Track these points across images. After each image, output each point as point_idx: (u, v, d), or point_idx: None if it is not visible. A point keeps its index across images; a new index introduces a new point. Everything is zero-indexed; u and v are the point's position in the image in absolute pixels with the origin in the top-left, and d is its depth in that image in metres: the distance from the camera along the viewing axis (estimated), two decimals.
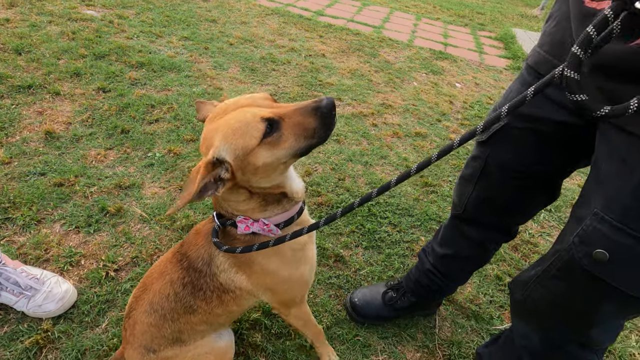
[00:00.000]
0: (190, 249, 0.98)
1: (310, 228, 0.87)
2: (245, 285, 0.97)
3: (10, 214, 1.66)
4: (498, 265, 1.88)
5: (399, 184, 0.80)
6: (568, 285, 0.79)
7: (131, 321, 1.03)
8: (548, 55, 0.88)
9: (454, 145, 0.71)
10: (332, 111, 0.76)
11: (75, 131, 2.19)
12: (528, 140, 0.94)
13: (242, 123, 0.74)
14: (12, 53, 2.77)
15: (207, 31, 3.81)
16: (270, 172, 0.80)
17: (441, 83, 3.73)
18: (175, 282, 0.97)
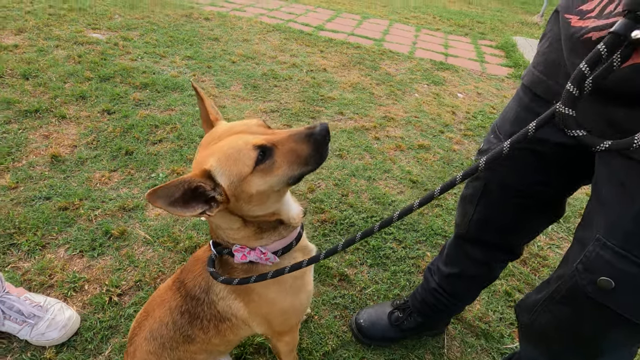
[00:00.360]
0: (188, 276, 0.97)
1: (310, 261, 0.85)
2: (242, 314, 0.96)
3: (16, 240, 1.67)
4: (507, 280, 1.84)
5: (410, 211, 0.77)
6: (573, 311, 0.77)
7: (132, 348, 1.02)
8: (542, 75, 0.87)
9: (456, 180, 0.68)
10: (325, 137, 0.75)
11: (80, 154, 2.22)
12: (528, 160, 0.92)
13: (235, 150, 0.73)
14: (20, 78, 2.84)
15: (209, 50, 3.87)
16: (265, 200, 0.79)
17: (443, 94, 3.73)
18: (173, 310, 0.97)
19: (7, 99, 2.56)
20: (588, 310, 0.74)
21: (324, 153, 0.76)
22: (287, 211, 0.88)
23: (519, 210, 1.01)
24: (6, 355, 1.29)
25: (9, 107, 2.51)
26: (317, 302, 1.60)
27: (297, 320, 1.07)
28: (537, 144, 0.88)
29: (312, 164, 0.77)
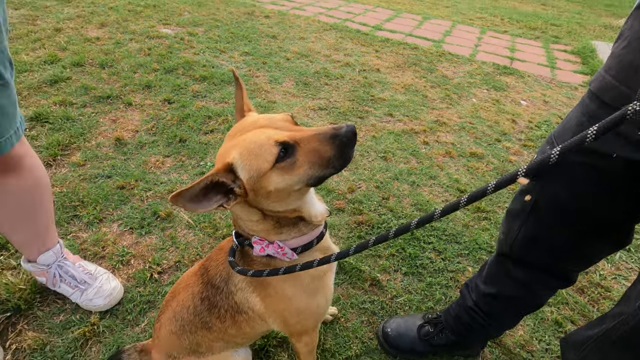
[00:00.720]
0: (212, 264, 0.99)
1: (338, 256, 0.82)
2: (258, 308, 0.95)
3: (79, 212, 1.84)
4: (558, 308, 1.66)
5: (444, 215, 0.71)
6: (634, 356, 0.66)
7: (158, 325, 1.08)
8: (614, 80, 0.75)
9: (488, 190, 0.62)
10: (351, 140, 0.71)
11: (141, 138, 2.39)
12: (587, 177, 0.81)
13: (257, 144, 0.72)
14: (97, 67, 3.14)
15: (266, 46, 3.98)
16: (284, 198, 0.77)
17: (504, 100, 3.48)
18: (195, 295, 0.99)
19: (85, 85, 2.85)
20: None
21: (348, 156, 0.72)
22: (308, 209, 0.85)
23: (574, 233, 0.89)
24: (60, 314, 1.43)
25: (87, 92, 2.78)
26: (345, 305, 1.57)
27: (313, 323, 1.05)
28: (599, 158, 0.77)
29: (335, 166, 0.73)
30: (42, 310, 1.43)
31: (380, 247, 1.84)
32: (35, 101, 2.60)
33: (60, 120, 2.43)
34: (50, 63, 3.07)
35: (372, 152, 2.54)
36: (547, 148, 0.91)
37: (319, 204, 0.90)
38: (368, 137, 2.69)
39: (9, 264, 1.56)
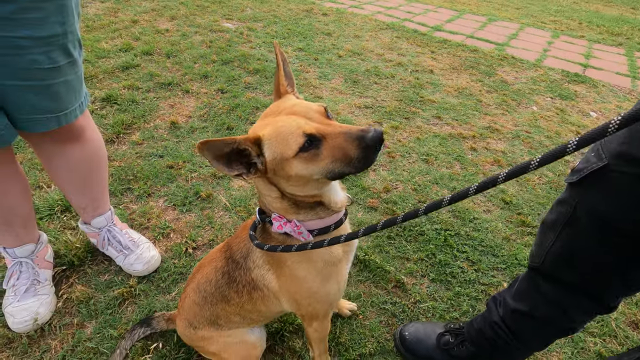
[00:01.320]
0: (235, 241, 1.04)
1: (347, 237, 0.83)
2: (272, 286, 0.98)
3: (132, 185, 2.02)
4: (603, 340, 1.50)
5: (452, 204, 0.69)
6: None
7: (184, 294, 1.15)
8: None
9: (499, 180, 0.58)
10: (376, 145, 0.71)
11: (193, 124, 2.56)
12: (635, 190, 0.72)
13: (286, 131, 0.75)
14: (164, 56, 3.41)
15: (320, 43, 4.03)
16: (303, 184, 0.80)
17: (570, 110, 3.19)
18: (218, 269, 1.05)
19: (152, 72, 3.11)
20: None
21: (370, 160, 0.73)
22: (329, 195, 0.87)
23: (613, 251, 0.80)
24: (105, 273, 1.59)
25: (152, 78, 3.04)
26: (366, 303, 1.55)
27: (324, 308, 1.05)
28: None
29: (356, 167, 0.74)
30: (91, 268, 1.60)
31: (410, 249, 1.79)
32: (108, 84, 2.89)
33: (126, 103, 2.68)
34: (124, 51, 3.39)
35: (413, 153, 2.47)
36: (591, 155, 0.83)
37: (340, 192, 0.91)
38: (412, 138, 2.62)
39: (70, 225, 1.76)
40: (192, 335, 1.13)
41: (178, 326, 1.18)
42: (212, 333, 1.10)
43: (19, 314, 1.33)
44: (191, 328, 1.12)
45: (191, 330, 1.12)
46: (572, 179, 0.85)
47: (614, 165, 0.75)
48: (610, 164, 0.75)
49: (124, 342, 1.26)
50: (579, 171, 0.83)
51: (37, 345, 1.33)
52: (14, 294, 1.37)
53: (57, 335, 1.36)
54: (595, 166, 0.78)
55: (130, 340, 1.28)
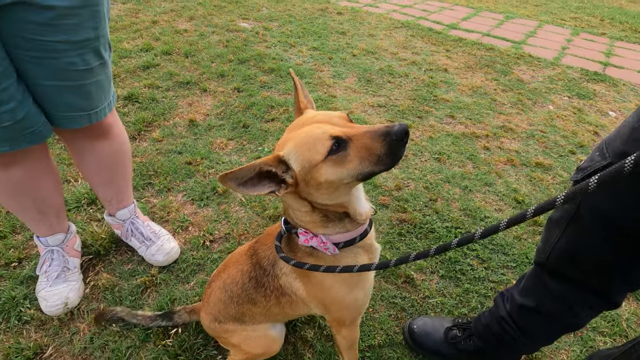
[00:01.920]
0: (261, 247, 1.08)
1: (378, 266, 0.85)
2: (301, 294, 1.02)
3: (152, 180, 2.12)
4: (614, 339, 1.50)
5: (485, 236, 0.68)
6: None
7: (209, 290, 1.22)
8: None
9: (527, 215, 0.60)
10: (402, 139, 0.72)
11: (210, 122, 2.64)
12: (636, 189, 0.74)
13: (312, 137, 0.76)
14: (182, 56, 3.51)
15: (335, 42, 4.07)
16: (333, 190, 0.80)
17: (588, 109, 3.14)
18: (244, 273, 1.10)
19: (171, 71, 3.21)
20: None
21: (397, 154, 0.74)
22: (354, 206, 0.88)
23: (616, 249, 0.83)
24: (128, 263, 1.68)
25: (171, 77, 3.14)
26: (375, 297, 1.60)
27: (352, 315, 1.07)
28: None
29: (385, 163, 0.75)
30: (116, 258, 1.69)
31: (420, 246, 1.83)
32: (130, 83, 3.01)
33: (147, 101, 2.79)
34: (145, 51, 3.51)
35: (426, 152, 2.49)
36: (596, 154, 0.85)
37: (365, 203, 0.93)
38: (424, 137, 2.64)
39: (96, 217, 1.87)
40: (217, 328, 1.19)
41: (203, 319, 1.24)
42: (236, 327, 1.16)
43: (51, 298, 1.43)
44: (216, 322, 1.18)
45: (216, 324, 1.18)
46: (576, 177, 0.88)
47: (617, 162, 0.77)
48: (613, 162, 0.78)
49: (142, 319, 1.34)
50: (584, 169, 0.86)
51: (67, 328, 1.43)
52: (46, 280, 1.47)
53: (85, 319, 1.46)
54: (599, 165, 0.81)
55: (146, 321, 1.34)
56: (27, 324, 1.43)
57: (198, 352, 1.36)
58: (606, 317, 1.57)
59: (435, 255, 0.74)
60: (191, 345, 1.37)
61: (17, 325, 1.42)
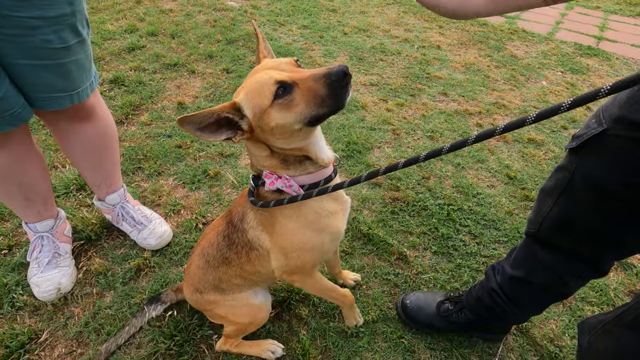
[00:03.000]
0: (234, 207, 1.10)
1: (335, 187, 0.89)
2: (266, 245, 1.03)
3: (142, 165, 2.09)
4: (601, 308, 1.54)
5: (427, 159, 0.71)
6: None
7: (190, 260, 1.23)
8: None
9: (528, 120, 0.61)
10: (342, 80, 0.74)
11: (199, 104, 2.59)
12: (632, 154, 0.74)
13: (259, 83, 0.80)
14: (168, 37, 3.41)
15: (325, 20, 3.97)
16: (287, 135, 0.84)
17: (581, 84, 3.12)
18: (219, 233, 1.12)
19: (157, 53, 3.12)
20: None
21: (340, 96, 0.76)
22: (315, 150, 0.92)
23: (608, 216, 0.83)
24: (121, 247, 1.67)
25: (157, 59, 3.06)
26: (369, 274, 1.61)
27: (312, 260, 1.06)
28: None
29: (329, 105, 0.77)
30: (108, 243, 1.68)
31: (413, 224, 1.83)
32: (115, 66, 2.92)
33: (134, 84, 2.72)
34: (129, 32, 3.40)
35: (418, 130, 2.47)
36: (592, 121, 0.85)
37: (326, 148, 0.96)
38: (417, 115, 2.62)
39: (85, 202, 1.84)
40: (200, 299, 1.20)
41: (185, 292, 1.25)
42: (217, 297, 1.17)
43: (43, 284, 1.43)
44: (197, 293, 1.19)
45: (198, 295, 1.19)
46: (572, 145, 0.87)
47: (612, 130, 0.77)
48: (609, 128, 0.77)
49: (135, 320, 1.34)
50: (579, 137, 0.85)
51: (62, 313, 1.43)
52: (37, 266, 1.46)
53: (79, 303, 1.46)
54: (595, 131, 0.80)
55: (140, 319, 1.34)
56: (20, 310, 1.43)
57: (194, 332, 1.37)
58: (594, 287, 1.60)
59: (425, 160, 0.81)
60: (186, 326, 1.37)
61: (11, 312, 1.42)
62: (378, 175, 0.85)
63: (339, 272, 1.51)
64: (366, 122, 2.52)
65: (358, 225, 1.78)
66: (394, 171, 0.79)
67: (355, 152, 2.24)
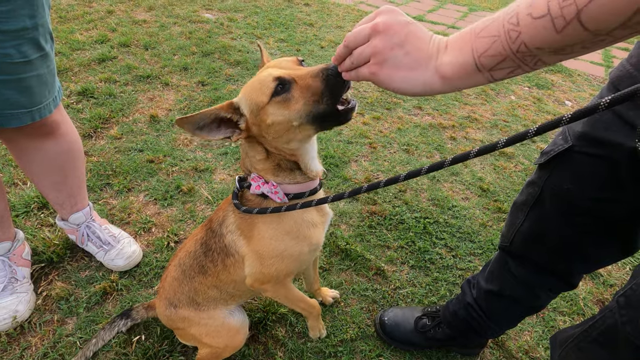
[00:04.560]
0: (216, 212, 1.07)
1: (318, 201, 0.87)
2: (243, 251, 1.00)
3: (111, 180, 2.00)
4: (572, 318, 1.58)
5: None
6: (610, 355, 0.63)
7: (166, 272, 1.17)
8: (634, 69, 0.71)
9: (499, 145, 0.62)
10: (338, 76, 0.73)
11: (173, 117, 2.53)
12: (595, 169, 0.77)
13: (258, 81, 0.80)
14: (141, 48, 3.33)
15: (302, 34, 4.01)
16: (283, 133, 0.82)
17: (546, 99, 3.28)
18: (197, 241, 1.08)
19: (129, 64, 3.04)
20: (628, 356, 0.60)
21: (337, 92, 0.75)
22: (306, 159, 0.92)
23: (576, 230, 0.85)
24: (85, 269, 1.58)
25: (129, 71, 2.97)
26: (347, 290, 1.59)
27: (287, 269, 1.02)
28: (612, 149, 0.73)
29: (326, 102, 0.76)
30: (71, 265, 1.59)
31: (390, 237, 1.84)
32: (84, 77, 2.82)
33: (103, 96, 2.62)
34: (100, 43, 3.30)
35: (395, 143, 2.51)
36: (559, 138, 0.88)
37: (317, 162, 0.96)
38: (393, 129, 2.66)
39: (47, 221, 1.74)
40: (173, 315, 1.13)
41: (158, 308, 1.18)
42: (191, 313, 1.12)
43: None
44: (172, 307, 1.13)
45: (172, 309, 1.13)
46: (540, 161, 0.90)
47: (577, 147, 0.80)
48: (574, 145, 0.80)
49: (103, 333, 1.27)
50: (547, 153, 0.88)
51: (17, 343, 1.32)
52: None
53: (37, 332, 1.36)
54: (561, 148, 0.83)
55: (109, 332, 1.27)
56: None
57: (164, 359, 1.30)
58: (565, 298, 1.65)
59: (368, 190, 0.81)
60: (155, 353, 1.30)
61: None
62: (361, 193, 0.84)
63: (317, 289, 1.49)
64: (343, 136, 2.53)
65: (336, 241, 1.77)
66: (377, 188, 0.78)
67: (332, 165, 2.24)
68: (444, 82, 0.54)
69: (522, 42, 0.45)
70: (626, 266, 1.84)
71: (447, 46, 0.54)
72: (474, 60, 0.50)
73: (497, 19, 0.48)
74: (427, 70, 0.55)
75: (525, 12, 0.44)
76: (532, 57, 0.46)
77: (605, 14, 0.38)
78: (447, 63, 0.53)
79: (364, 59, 0.59)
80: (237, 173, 2.14)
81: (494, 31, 0.48)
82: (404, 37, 0.55)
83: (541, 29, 0.43)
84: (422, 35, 0.56)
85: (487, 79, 0.52)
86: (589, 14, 0.38)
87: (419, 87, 0.55)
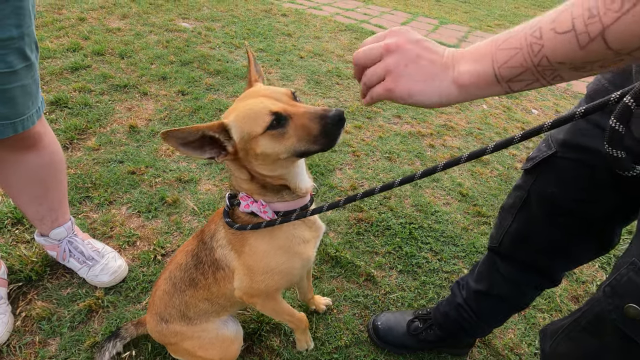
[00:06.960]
0: (208, 224, 1.07)
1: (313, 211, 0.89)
2: (233, 265, 1.00)
3: (90, 194, 1.93)
4: (551, 314, 1.67)
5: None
6: (599, 342, 0.69)
7: (156, 287, 1.14)
8: (608, 84, 0.79)
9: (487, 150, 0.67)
10: (337, 124, 0.76)
11: (153, 127, 2.48)
12: (576, 173, 0.84)
13: (253, 111, 0.80)
14: (117, 57, 3.25)
15: (281, 44, 4.04)
16: (269, 163, 0.84)
17: (515, 108, 3.47)
18: (188, 253, 1.08)
19: (104, 73, 2.95)
20: (615, 344, 0.66)
21: (333, 137, 0.78)
22: (295, 180, 0.93)
23: (559, 230, 0.93)
24: (67, 287, 1.51)
25: (105, 80, 2.89)
26: (339, 297, 1.61)
27: (277, 284, 1.03)
28: (591, 154, 0.80)
29: (321, 143, 0.79)
30: (52, 283, 1.51)
31: (378, 244, 1.88)
32: (57, 87, 2.71)
33: (78, 106, 2.53)
34: (72, 51, 3.19)
35: (377, 152, 2.57)
36: (542, 145, 0.95)
37: (307, 179, 0.96)
38: (375, 137, 2.73)
39: (24, 238, 1.65)
40: (164, 330, 1.11)
41: (149, 324, 1.16)
42: (183, 328, 1.10)
43: None
44: (163, 322, 1.10)
45: (162, 325, 1.10)
46: (526, 166, 0.97)
47: (560, 153, 0.87)
48: (557, 151, 0.87)
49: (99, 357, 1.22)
50: (532, 159, 0.95)
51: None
52: None
53: (17, 355, 1.28)
54: (545, 154, 0.90)
55: (100, 359, 1.22)
56: None
57: None
58: (544, 296, 1.74)
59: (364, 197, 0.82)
60: None
61: None
62: (357, 200, 0.87)
63: (311, 298, 1.49)
64: None
65: (325, 249, 1.79)
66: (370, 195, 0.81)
67: (317, 174, 2.27)
68: (461, 90, 0.56)
69: (544, 56, 0.46)
70: (595, 264, 1.97)
71: (464, 56, 0.56)
72: (493, 71, 0.52)
73: (519, 32, 0.49)
74: (443, 80, 0.56)
75: (548, 27, 0.45)
76: (552, 72, 0.47)
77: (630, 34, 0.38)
78: (465, 72, 0.54)
79: (378, 78, 0.62)
80: (222, 183, 2.13)
81: (516, 43, 0.49)
82: (418, 52, 0.58)
83: (565, 44, 0.43)
84: (436, 49, 0.58)
85: (505, 90, 0.53)
86: (614, 33, 0.39)
87: (435, 98, 0.57)
